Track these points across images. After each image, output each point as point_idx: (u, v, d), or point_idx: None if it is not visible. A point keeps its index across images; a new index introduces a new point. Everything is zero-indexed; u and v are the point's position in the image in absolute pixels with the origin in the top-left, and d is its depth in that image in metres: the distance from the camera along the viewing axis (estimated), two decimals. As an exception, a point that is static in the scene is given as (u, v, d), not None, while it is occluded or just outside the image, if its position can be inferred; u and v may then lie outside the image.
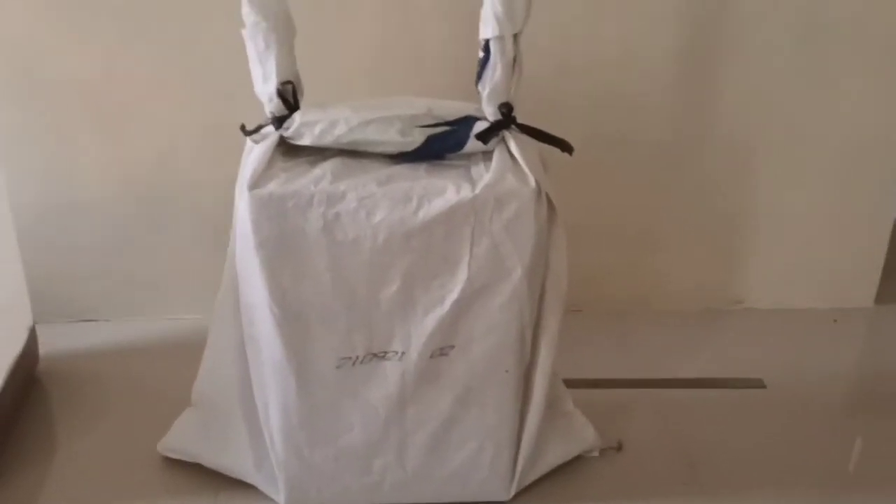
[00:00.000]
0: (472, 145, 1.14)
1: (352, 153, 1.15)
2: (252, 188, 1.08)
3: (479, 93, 1.13)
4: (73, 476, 1.32)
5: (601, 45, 1.62)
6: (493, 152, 1.13)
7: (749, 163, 1.73)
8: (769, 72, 1.65)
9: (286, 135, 1.14)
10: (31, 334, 1.51)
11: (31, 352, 1.51)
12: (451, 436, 1.20)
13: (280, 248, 1.09)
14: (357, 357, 1.14)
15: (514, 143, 1.13)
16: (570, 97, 1.63)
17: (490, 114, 1.14)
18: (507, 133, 1.14)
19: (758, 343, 1.72)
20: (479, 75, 1.12)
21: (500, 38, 1.08)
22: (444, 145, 1.15)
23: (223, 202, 1.13)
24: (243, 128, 1.17)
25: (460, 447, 1.21)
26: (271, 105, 1.14)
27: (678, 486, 1.31)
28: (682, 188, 1.74)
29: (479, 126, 1.14)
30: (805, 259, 1.81)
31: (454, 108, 1.16)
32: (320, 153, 1.15)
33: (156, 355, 1.63)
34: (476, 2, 1.11)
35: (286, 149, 1.15)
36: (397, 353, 1.14)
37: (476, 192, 1.09)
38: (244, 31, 1.12)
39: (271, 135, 1.14)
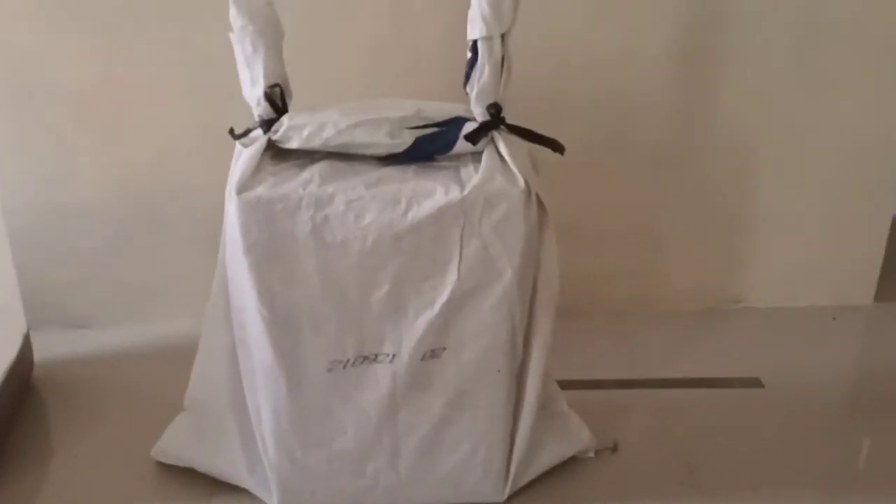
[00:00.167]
0: (461, 146, 1.14)
1: (341, 156, 1.15)
2: (240, 192, 1.08)
3: (467, 94, 1.13)
4: (69, 482, 1.32)
5: (600, 45, 1.62)
6: (482, 153, 1.13)
7: (748, 163, 1.73)
8: (768, 72, 1.65)
9: (274, 138, 1.14)
10: (26, 341, 1.51)
11: (26, 358, 1.51)
12: (443, 438, 1.19)
13: (269, 252, 1.09)
14: (348, 360, 1.14)
15: (503, 143, 1.13)
16: (568, 97, 1.62)
17: (479, 114, 1.13)
18: (496, 134, 1.14)
19: (756, 342, 1.72)
20: (468, 76, 1.11)
21: (488, 39, 1.08)
22: (433, 147, 1.14)
23: (219, 206, 1.13)
24: (232, 132, 1.17)
25: (453, 449, 1.20)
26: (259, 108, 1.14)
27: (675, 487, 1.31)
28: (682, 188, 1.74)
29: (468, 127, 1.13)
30: (804, 258, 1.81)
31: (443, 110, 1.16)
32: (309, 156, 1.15)
33: (151, 360, 1.63)
34: (469, 3, 1.10)
35: (275, 152, 1.15)
36: (388, 355, 1.14)
37: (465, 193, 1.08)
38: (232, 35, 1.13)
39: (260, 138, 1.14)
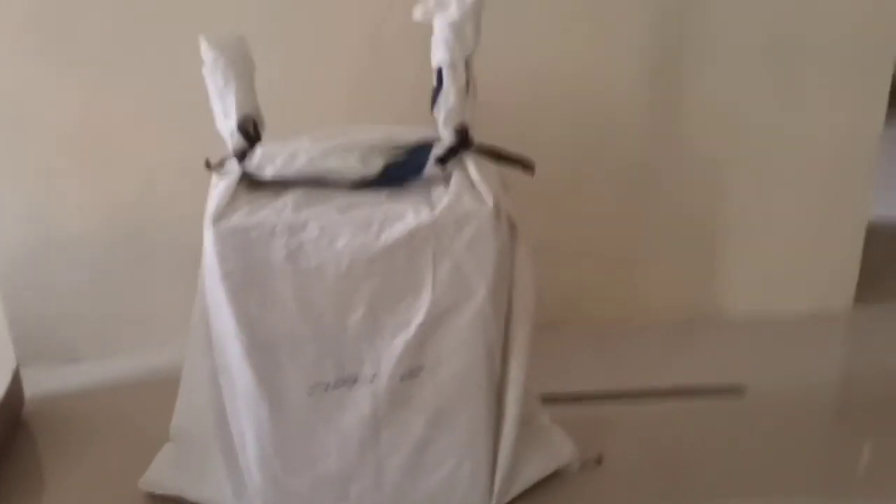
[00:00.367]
0: (431, 169, 1.16)
1: (315, 183, 1.17)
2: (216, 221, 1.10)
3: (434, 118, 1.15)
4: (60, 515, 1.33)
5: (570, 64, 1.65)
6: (451, 175, 1.15)
7: (721, 175, 1.75)
8: (736, 86, 1.68)
9: (248, 169, 1.16)
10: (16, 376, 1.53)
11: (16, 394, 1.52)
12: (426, 457, 1.20)
13: (246, 279, 1.11)
14: (328, 383, 1.15)
15: (471, 165, 1.15)
16: (541, 116, 1.65)
17: (447, 138, 1.16)
18: (464, 156, 1.16)
19: (737, 351, 1.73)
20: (434, 101, 1.14)
21: (451, 64, 1.11)
22: (404, 171, 1.17)
23: (202, 236, 1.15)
24: (208, 163, 1.20)
25: (436, 467, 1.21)
26: (232, 140, 1.16)
27: (661, 497, 1.32)
28: (657, 202, 1.76)
29: (437, 150, 1.16)
30: (782, 265, 1.83)
31: (412, 134, 1.18)
32: (284, 185, 1.17)
33: (141, 392, 1.64)
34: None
35: (250, 182, 1.17)
36: (368, 377, 1.16)
37: (435, 214, 1.11)
38: (203, 69, 1.15)
39: (234, 169, 1.16)
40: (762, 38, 1.65)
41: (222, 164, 1.19)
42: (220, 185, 1.15)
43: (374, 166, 1.16)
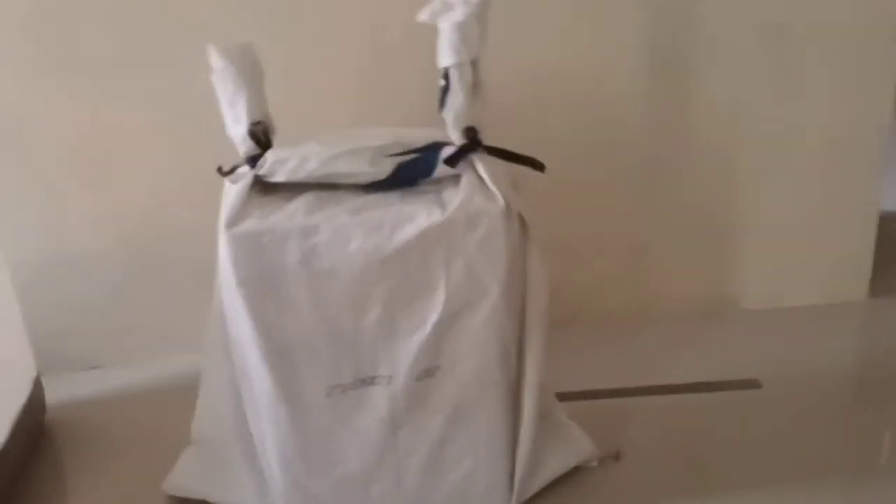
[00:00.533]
0: (441, 170, 1.16)
1: (326, 186, 1.18)
2: (229, 226, 1.11)
3: (443, 119, 1.16)
4: (84, 521, 1.35)
5: (574, 60, 1.66)
6: (461, 176, 1.16)
7: (730, 167, 1.75)
8: (741, 77, 1.68)
9: (260, 173, 1.17)
10: (37, 385, 1.54)
11: (37, 401, 1.54)
12: (445, 456, 1.21)
13: (261, 284, 1.12)
14: (346, 384, 1.16)
15: (481, 165, 1.15)
16: (548, 112, 1.66)
17: (456, 139, 1.16)
18: (474, 156, 1.16)
19: (751, 344, 1.73)
20: (442, 102, 1.14)
21: (458, 65, 1.11)
22: (413, 172, 1.17)
23: (213, 244, 1.16)
24: (220, 169, 1.21)
25: (456, 466, 1.22)
26: (244, 146, 1.17)
27: (680, 491, 1.32)
28: (667, 195, 1.77)
29: (447, 151, 1.16)
30: (795, 257, 1.83)
31: (421, 136, 1.19)
32: (295, 189, 1.18)
33: (158, 398, 1.66)
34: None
35: (262, 187, 1.18)
36: (384, 377, 1.16)
37: (446, 214, 1.11)
38: (213, 77, 1.16)
39: (246, 174, 1.17)
40: (766, 28, 1.65)
41: (234, 169, 1.20)
42: (232, 191, 1.16)
43: (385, 168, 1.17)
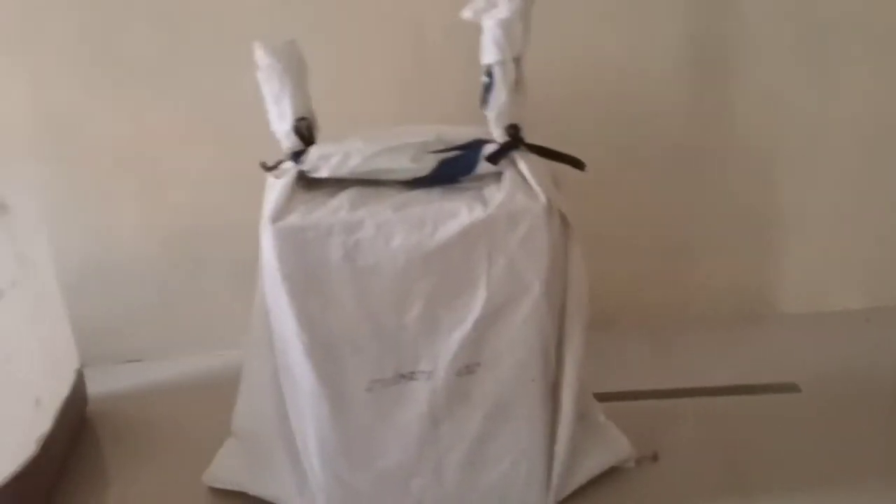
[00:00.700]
0: (482, 167, 1.17)
1: (368, 182, 1.19)
2: (274, 221, 1.12)
3: (485, 116, 1.16)
4: (126, 511, 1.37)
5: (610, 56, 1.65)
6: (503, 173, 1.16)
7: (768, 165, 1.74)
8: (779, 72, 1.66)
9: (304, 168, 1.18)
10: (79, 377, 1.57)
11: (80, 393, 1.57)
12: (485, 452, 1.22)
13: (305, 278, 1.13)
14: (387, 379, 1.17)
15: (523, 162, 1.16)
16: (585, 109, 1.65)
17: (498, 136, 1.17)
18: (516, 154, 1.17)
19: (790, 347, 1.71)
20: (484, 99, 1.15)
21: (501, 62, 1.11)
22: (455, 169, 1.18)
23: (254, 242, 1.18)
24: (264, 164, 1.22)
25: (495, 463, 1.22)
26: (288, 141, 1.19)
27: (718, 494, 1.31)
28: (705, 193, 1.75)
29: (489, 148, 1.17)
30: (836, 259, 1.80)
31: (462, 133, 1.19)
32: (338, 184, 1.19)
33: (199, 392, 1.68)
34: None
35: (306, 182, 1.20)
36: (425, 373, 1.17)
37: (489, 212, 1.12)
38: (259, 74, 1.18)
39: (290, 169, 1.18)
40: (802, 24, 1.63)
41: (278, 165, 1.21)
42: (276, 186, 1.17)
43: (427, 165, 1.17)
